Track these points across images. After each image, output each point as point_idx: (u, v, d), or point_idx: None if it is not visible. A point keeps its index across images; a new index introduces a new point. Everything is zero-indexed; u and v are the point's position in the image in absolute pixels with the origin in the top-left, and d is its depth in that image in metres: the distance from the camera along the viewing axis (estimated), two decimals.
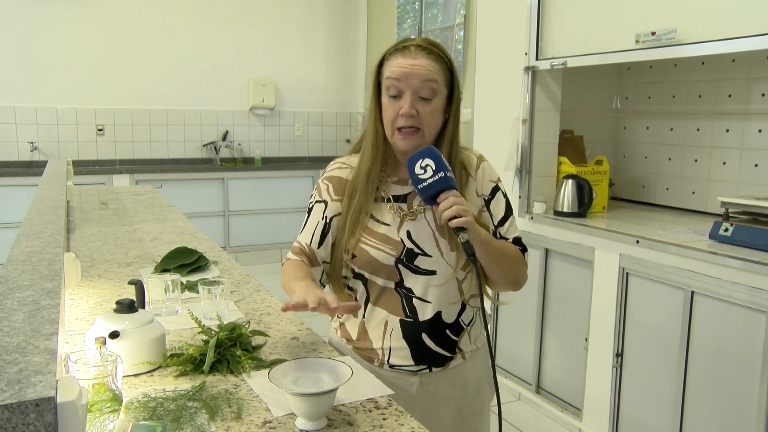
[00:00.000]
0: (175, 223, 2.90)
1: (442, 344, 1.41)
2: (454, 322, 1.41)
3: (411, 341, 1.39)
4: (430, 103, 1.33)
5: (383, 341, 1.41)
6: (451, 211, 1.22)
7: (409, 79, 1.31)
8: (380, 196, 1.42)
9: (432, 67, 1.32)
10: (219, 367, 1.29)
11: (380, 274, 1.39)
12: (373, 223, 1.40)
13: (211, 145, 6.22)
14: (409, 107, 1.31)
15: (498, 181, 1.46)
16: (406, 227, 1.39)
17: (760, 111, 2.81)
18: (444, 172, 1.24)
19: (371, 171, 1.40)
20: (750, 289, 2.13)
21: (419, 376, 1.42)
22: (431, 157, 1.25)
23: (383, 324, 1.41)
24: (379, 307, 1.41)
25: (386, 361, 1.41)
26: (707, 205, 3.07)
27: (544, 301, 3.12)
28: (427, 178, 1.24)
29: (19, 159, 5.56)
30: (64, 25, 5.61)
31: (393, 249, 1.37)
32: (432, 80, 1.32)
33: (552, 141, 3.20)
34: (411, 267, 1.37)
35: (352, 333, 1.46)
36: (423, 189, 1.25)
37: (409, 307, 1.39)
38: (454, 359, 1.43)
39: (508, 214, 1.44)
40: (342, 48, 6.72)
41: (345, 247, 1.40)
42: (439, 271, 1.37)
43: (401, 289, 1.39)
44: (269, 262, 6.12)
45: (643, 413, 2.59)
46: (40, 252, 1.32)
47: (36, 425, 0.67)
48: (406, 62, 1.32)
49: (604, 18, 2.78)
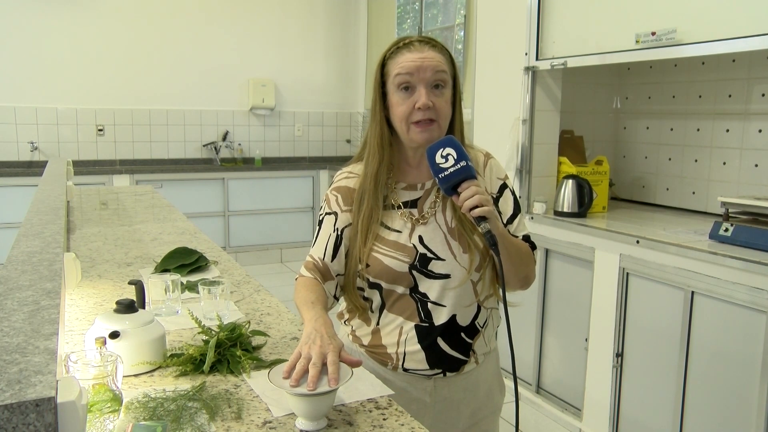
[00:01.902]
0: (175, 223, 2.90)
1: (457, 348, 1.39)
2: (469, 325, 1.39)
3: (426, 346, 1.38)
4: (443, 93, 1.34)
5: (398, 346, 1.39)
6: (474, 200, 1.20)
7: (421, 72, 1.31)
8: (389, 203, 1.40)
9: (440, 59, 1.34)
10: (219, 368, 1.29)
11: (398, 282, 1.37)
12: (384, 230, 1.38)
13: (212, 145, 6.22)
14: (426, 98, 1.31)
15: (506, 179, 1.45)
16: (417, 232, 1.37)
17: (760, 111, 2.81)
18: (466, 161, 1.23)
19: (378, 174, 1.38)
20: (750, 289, 2.13)
21: (433, 380, 1.41)
22: (452, 146, 1.24)
23: (398, 330, 1.39)
24: (393, 313, 1.39)
25: (401, 366, 1.40)
26: (707, 205, 3.07)
27: (544, 301, 3.12)
28: (449, 167, 1.22)
29: (19, 159, 5.56)
30: (65, 25, 5.61)
31: (406, 255, 1.36)
32: (442, 70, 1.33)
33: (552, 141, 3.20)
34: (425, 272, 1.36)
35: (364, 340, 1.45)
36: (445, 178, 1.23)
37: (424, 311, 1.37)
38: (468, 363, 1.42)
39: (517, 212, 1.43)
40: (342, 48, 6.72)
41: (359, 256, 1.38)
42: (454, 274, 1.36)
43: (416, 295, 1.37)
44: (269, 263, 6.12)
45: (643, 413, 2.59)
46: (40, 252, 1.32)
47: (36, 425, 0.67)
48: (414, 56, 1.32)
49: (604, 18, 2.78)
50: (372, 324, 1.42)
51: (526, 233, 1.43)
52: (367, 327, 1.43)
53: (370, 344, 1.43)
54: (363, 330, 1.45)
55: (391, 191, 1.41)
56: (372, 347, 1.43)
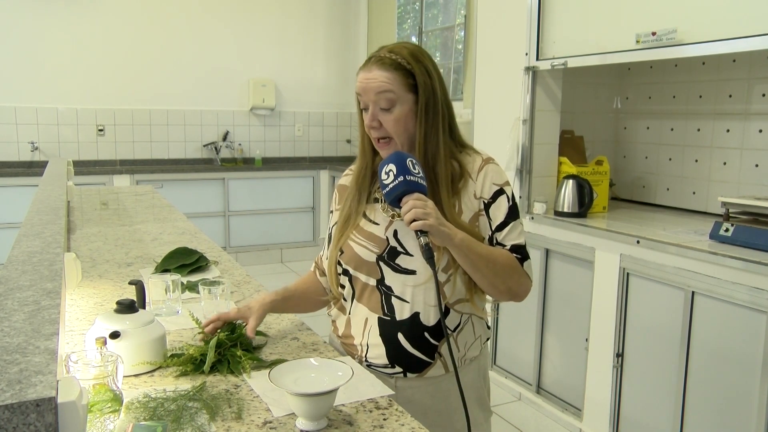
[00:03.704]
0: (176, 223, 2.90)
1: (420, 347, 1.39)
2: (434, 326, 1.38)
3: (387, 339, 1.40)
4: (392, 112, 1.34)
5: (362, 337, 1.43)
6: (410, 214, 1.22)
7: (366, 94, 1.35)
8: (374, 197, 1.46)
9: (385, 78, 1.33)
10: (219, 368, 1.29)
11: (362, 270, 1.42)
12: (365, 222, 1.44)
13: (212, 145, 6.22)
14: (370, 120, 1.35)
15: (504, 185, 1.40)
16: (394, 227, 1.41)
17: (761, 111, 2.81)
18: (404, 176, 1.24)
19: (359, 176, 1.46)
20: (750, 289, 2.13)
21: (395, 379, 1.41)
22: (395, 161, 1.26)
23: (364, 320, 1.43)
24: (361, 304, 1.44)
25: (364, 357, 1.43)
26: (708, 205, 3.07)
27: (544, 302, 3.12)
28: (389, 182, 1.25)
29: (19, 159, 5.56)
30: (65, 25, 5.61)
31: (376, 246, 1.40)
32: (386, 91, 1.32)
33: (552, 141, 3.20)
34: (392, 265, 1.39)
35: (340, 329, 1.50)
36: (386, 194, 1.27)
37: (387, 305, 1.40)
38: (432, 365, 1.40)
39: (509, 220, 1.38)
40: (342, 48, 6.72)
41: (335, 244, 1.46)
42: (419, 271, 1.37)
43: (382, 287, 1.41)
44: (269, 263, 6.12)
45: (643, 413, 2.59)
46: (41, 252, 1.32)
47: (36, 425, 0.67)
48: (363, 76, 1.36)
49: (604, 18, 2.78)
50: (346, 313, 1.48)
51: (517, 243, 1.37)
52: (343, 316, 1.49)
53: (343, 334, 1.48)
54: (340, 320, 1.51)
55: (377, 187, 1.46)
56: (344, 337, 1.48)
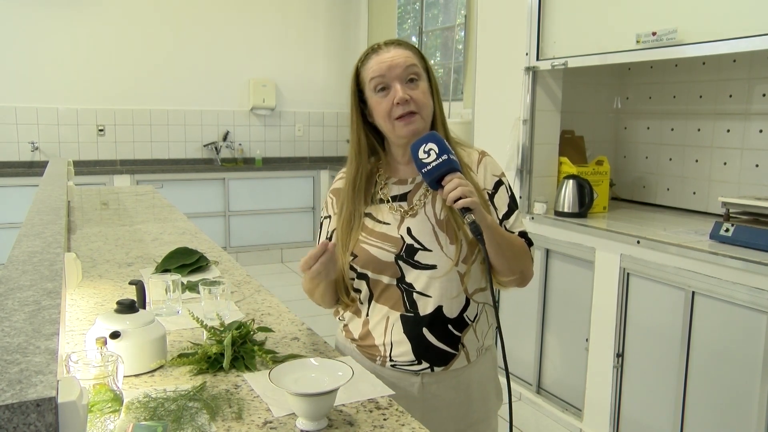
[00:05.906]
0: (176, 223, 2.90)
1: (444, 339, 1.40)
2: (457, 318, 1.40)
3: (412, 336, 1.40)
4: (419, 85, 1.38)
5: (384, 336, 1.42)
6: (457, 192, 1.23)
7: (392, 70, 1.37)
8: (379, 198, 1.45)
9: (408, 54, 1.39)
10: (236, 364, 1.30)
11: (384, 273, 1.40)
12: (373, 223, 1.43)
13: (212, 145, 6.22)
14: (403, 92, 1.36)
15: (501, 176, 1.47)
16: (406, 224, 1.40)
17: (761, 111, 2.80)
18: (447, 155, 1.27)
19: (355, 181, 1.45)
20: (751, 289, 2.13)
21: (421, 376, 1.42)
22: (434, 141, 1.28)
23: (385, 320, 1.42)
24: (380, 304, 1.42)
25: (388, 357, 1.41)
26: (708, 205, 3.07)
27: (544, 302, 3.12)
28: (431, 161, 1.26)
29: (19, 159, 5.56)
30: (65, 25, 5.61)
31: (392, 246, 1.39)
32: (413, 64, 1.39)
33: (552, 141, 3.20)
34: (411, 262, 1.39)
35: (355, 333, 1.47)
36: (428, 172, 1.27)
37: (409, 302, 1.40)
38: (457, 357, 1.42)
39: (513, 208, 1.44)
40: (342, 48, 6.72)
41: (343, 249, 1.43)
42: (440, 265, 1.38)
43: (402, 285, 1.40)
44: (270, 263, 6.12)
45: (643, 414, 2.59)
46: (41, 252, 1.32)
47: (37, 425, 0.67)
48: (383, 57, 1.39)
49: (604, 18, 2.78)
50: (362, 315, 1.46)
51: (522, 230, 1.45)
52: (358, 319, 1.47)
53: (360, 336, 1.46)
54: (354, 323, 1.48)
55: (381, 187, 1.46)
56: (361, 340, 1.46)
